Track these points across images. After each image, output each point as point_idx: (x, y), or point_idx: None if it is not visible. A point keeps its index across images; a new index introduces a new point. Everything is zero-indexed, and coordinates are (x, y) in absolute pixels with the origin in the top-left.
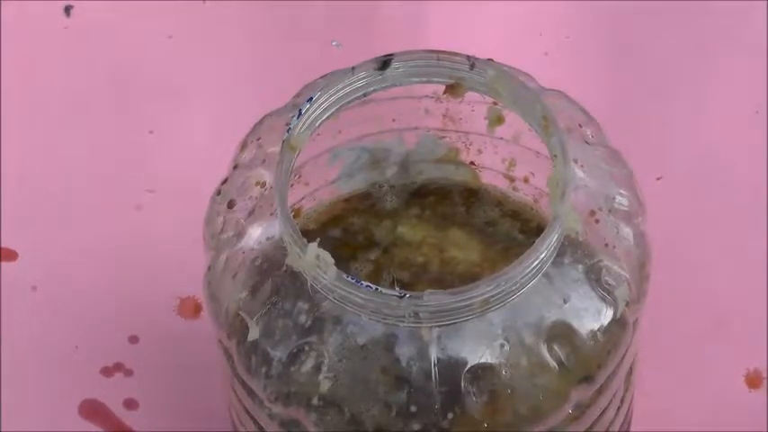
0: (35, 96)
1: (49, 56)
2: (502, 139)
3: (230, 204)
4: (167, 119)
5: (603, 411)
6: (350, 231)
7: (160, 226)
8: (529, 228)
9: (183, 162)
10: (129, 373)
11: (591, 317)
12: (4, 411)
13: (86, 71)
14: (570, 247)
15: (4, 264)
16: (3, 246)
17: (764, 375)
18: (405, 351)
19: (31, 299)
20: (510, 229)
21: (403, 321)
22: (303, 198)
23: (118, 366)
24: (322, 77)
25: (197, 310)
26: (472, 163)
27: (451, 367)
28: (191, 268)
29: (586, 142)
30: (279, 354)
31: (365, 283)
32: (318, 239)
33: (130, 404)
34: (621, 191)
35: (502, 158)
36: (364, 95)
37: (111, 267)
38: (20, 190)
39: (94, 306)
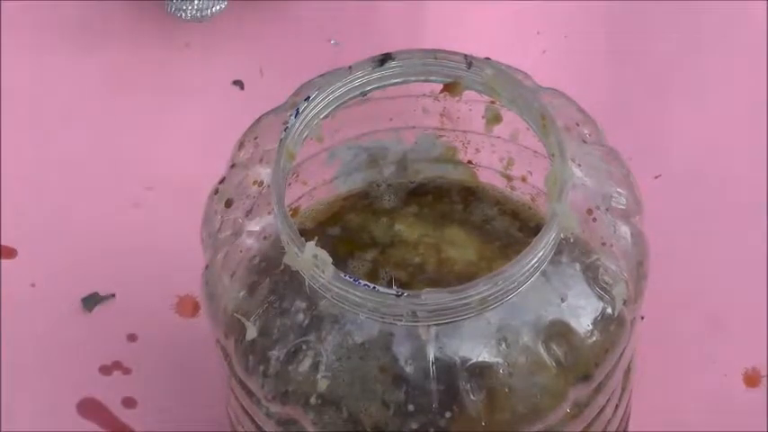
0: (34, 94)
1: (47, 53)
2: (499, 137)
3: (228, 203)
4: (165, 117)
5: (601, 410)
6: (347, 230)
7: (158, 224)
8: (526, 227)
9: (182, 160)
10: (127, 371)
11: (588, 315)
12: (3, 409)
13: (85, 68)
14: (568, 246)
15: (3, 261)
16: (2, 243)
17: (763, 374)
18: (402, 350)
19: (30, 296)
20: (507, 227)
21: (401, 320)
22: (301, 197)
23: (116, 365)
24: (320, 76)
25: (195, 308)
26: (470, 162)
27: (449, 366)
28: (189, 267)
29: (584, 141)
30: (276, 353)
31: (363, 282)
32: (316, 238)
33: (129, 403)
34: (619, 189)
35: (500, 157)
36: (362, 94)
37: (109, 265)
38: (19, 188)
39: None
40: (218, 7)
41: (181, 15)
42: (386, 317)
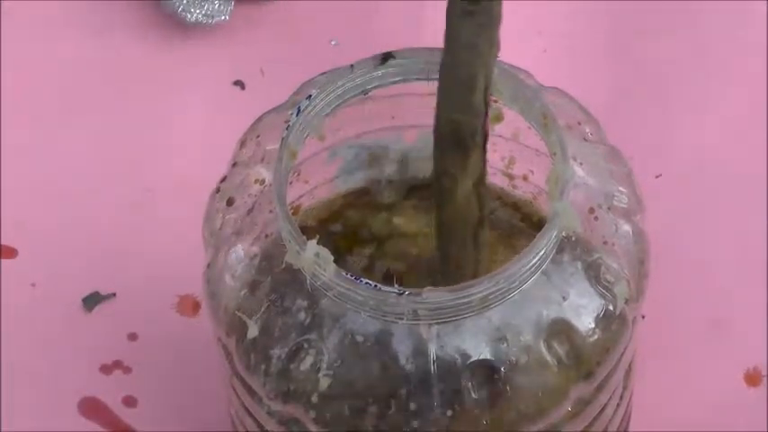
0: (35, 94)
1: (48, 53)
2: (501, 136)
3: (229, 202)
4: (166, 117)
5: (603, 409)
6: (348, 226)
7: (159, 224)
8: (528, 225)
9: (182, 160)
10: (127, 370)
11: (590, 314)
12: (3, 409)
13: (85, 68)
14: (569, 245)
15: (3, 261)
16: (2, 243)
17: (764, 373)
18: (404, 348)
19: (31, 296)
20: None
21: (402, 319)
22: (302, 196)
23: (117, 364)
24: (321, 75)
25: (196, 308)
26: None
27: (451, 364)
28: (190, 266)
29: (585, 140)
30: (278, 351)
31: (364, 281)
32: (317, 237)
33: (129, 402)
34: (621, 188)
35: (501, 156)
36: (363, 93)
37: (110, 265)
38: (19, 188)
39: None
40: (223, 17)
41: (186, 17)
42: (387, 315)
